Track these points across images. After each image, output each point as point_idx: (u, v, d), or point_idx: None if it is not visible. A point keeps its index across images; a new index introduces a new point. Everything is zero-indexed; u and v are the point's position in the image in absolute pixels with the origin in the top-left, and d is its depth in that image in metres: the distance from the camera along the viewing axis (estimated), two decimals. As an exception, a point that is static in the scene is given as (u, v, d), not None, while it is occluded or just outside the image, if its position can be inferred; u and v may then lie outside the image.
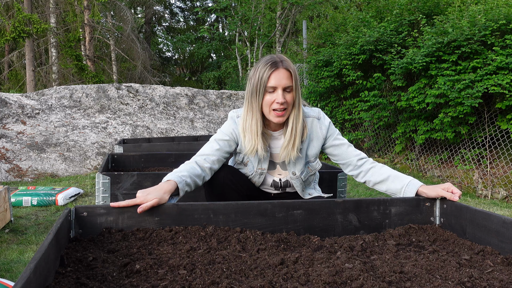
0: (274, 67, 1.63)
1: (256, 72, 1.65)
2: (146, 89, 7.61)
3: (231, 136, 1.77)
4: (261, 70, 1.64)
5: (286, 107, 1.65)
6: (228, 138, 1.77)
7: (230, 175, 1.75)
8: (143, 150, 3.81)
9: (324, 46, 7.53)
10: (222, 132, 1.79)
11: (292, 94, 1.66)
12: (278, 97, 1.62)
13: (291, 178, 1.85)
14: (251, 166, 1.83)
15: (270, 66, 1.63)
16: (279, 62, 1.64)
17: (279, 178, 1.87)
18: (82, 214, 1.32)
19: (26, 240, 2.55)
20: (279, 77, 1.63)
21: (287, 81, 1.64)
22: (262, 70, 1.64)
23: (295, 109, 1.69)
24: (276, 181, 1.87)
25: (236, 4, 13.23)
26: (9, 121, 5.99)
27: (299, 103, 1.70)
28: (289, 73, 1.65)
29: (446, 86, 4.73)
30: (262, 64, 1.66)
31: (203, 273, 1.04)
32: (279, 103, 1.63)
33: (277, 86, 1.63)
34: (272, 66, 1.63)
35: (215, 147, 1.74)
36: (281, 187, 1.89)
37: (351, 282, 0.98)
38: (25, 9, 11.55)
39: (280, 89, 1.64)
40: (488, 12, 5.00)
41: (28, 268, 0.81)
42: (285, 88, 1.65)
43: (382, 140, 6.61)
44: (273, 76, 1.62)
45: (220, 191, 1.74)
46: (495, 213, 1.28)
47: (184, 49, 22.53)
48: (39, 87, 13.37)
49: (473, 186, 4.72)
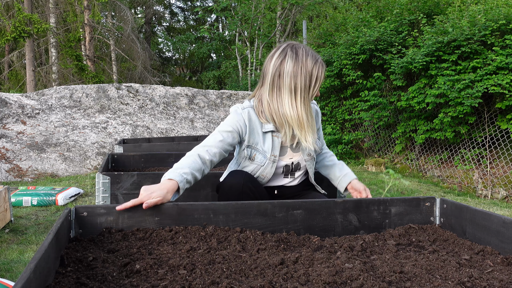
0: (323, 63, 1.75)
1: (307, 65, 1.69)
2: (146, 89, 7.61)
3: (235, 128, 1.77)
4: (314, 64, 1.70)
5: None
6: (232, 130, 1.76)
7: (250, 183, 1.72)
8: (143, 150, 3.81)
9: (324, 46, 7.53)
10: (226, 124, 1.78)
11: None
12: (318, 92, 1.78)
13: (306, 160, 1.89)
14: (261, 157, 1.81)
15: (322, 63, 1.73)
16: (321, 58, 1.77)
17: (291, 161, 1.88)
18: (82, 214, 1.33)
19: (26, 240, 2.55)
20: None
21: None
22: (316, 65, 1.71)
23: None
24: (288, 165, 1.89)
25: (236, 4, 13.23)
26: (9, 121, 5.99)
27: None
28: None
29: (446, 86, 4.73)
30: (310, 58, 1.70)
31: (203, 273, 1.04)
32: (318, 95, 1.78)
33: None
34: (322, 63, 1.74)
35: (218, 139, 1.74)
36: (291, 170, 1.90)
37: (351, 282, 0.98)
38: (25, 9, 11.55)
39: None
40: (488, 12, 5.00)
41: (28, 268, 0.81)
42: None
43: (382, 140, 6.61)
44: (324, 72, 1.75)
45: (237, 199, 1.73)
46: (495, 213, 1.29)
47: (184, 49, 22.53)
48: (39, 87, 13.37)
49: (473, 186, 4.71)
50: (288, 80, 1.69)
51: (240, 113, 1.78)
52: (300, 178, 1.95)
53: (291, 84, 1.69)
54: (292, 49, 1.71)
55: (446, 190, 4.70)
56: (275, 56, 1.72)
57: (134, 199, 1.37)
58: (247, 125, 1.78)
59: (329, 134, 6.61)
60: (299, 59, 1.69)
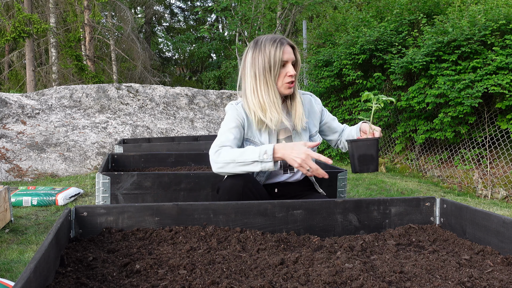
0: (284, 43, 1.77)
1: (265, 50, 1.75)
2: (146, 89, 7.61)
3: (238, 122, 1.80)
4: (271, 47, 1.75)
5: (294, 79, 1.80)
6: (236, 125, 1.80)
7: (250, 183, 1.71)
8: (143, 150, 3.81)
9: (324, 46, 7.53)
10: (229, 121, 1.80)
11: (297, 67, 1.83)
12: (291, 70, 1.77)
13: None
14: None
15: (280, 43, 1.76)
16: (283, 39, 1.79)
17: None
18: (82, 214, 1.33)
19: (26, 240, 2.55)
20: (289, 52, 1.78)
21: (293, 55, 1.79)
22: (273, 47, 1.75)
23: (296, 81, 1.85)
24: None
25: (236, 4, 13.23)
26: (9, 121, 5.99)
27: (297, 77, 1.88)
28: (292, 49, 1.80)
29: (446, 86, 4.73)
30: (268, 42, 1.77)
31: (203, 273, 1.04)
32: (292, 75, 1.77)
33: (288, 61, 1.77)
34: (282, 42, 1.77)
35: (231, 137, 1.76)
36: (289, 165, 1.89)
37: (351, 282, 0.98)
38: (25, 9, 11.55)
39: (289, 63, 1.78)
40: (488, 12, 5.00)
41: (28, 268, 0.81)
42: (293, 63, 1.80)
43: (382, 140, 6.61)
44: (285, 52, 1.76)
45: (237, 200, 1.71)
46: (495, 213, 1.28)
47: (184, 49, 22.52)
48: (39, 87, 13.37)
49: (473, 186, 4.72)
50: (249, 69, 1.79)
51: (236, 108, 1.83)
52: (299, 173, 1.94)
53: (251, 71, 1.78)
54: (254, 41, 1.82)
55: (446, 190, 4.70)
56: (244, 53, 1.84)
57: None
58: (245, 118, 1.82)
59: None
60: (258, 46, 1.79)
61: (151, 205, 1.38)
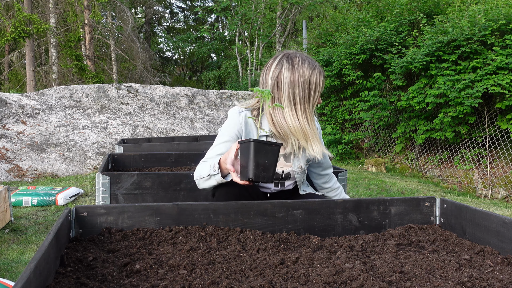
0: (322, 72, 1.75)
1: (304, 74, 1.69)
2: (146, 89, 7.61)
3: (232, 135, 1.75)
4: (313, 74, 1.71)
5: None
6: (228, 139, 1.75)
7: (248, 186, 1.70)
8: (143, 150, 3.81)
9: (324, 46, 7.53)
10: (224, 134, 1.77)
11: None
12: (320, 100, 1.78)
13: (296, 172, 1.86)
14: None
15: (321, 72, 1.74)
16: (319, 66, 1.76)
17: (282, 170, 1.87)
18: (82, 214, 1.33)
19: (26, 240, 2.55)
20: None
21: None
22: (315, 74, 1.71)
23: None
24: (278, 173, 1.87)
25: (236, 4, 13.23)
26: (9, 121, 5.99)
27: None
28: None
29: (446, 86, 4.73)
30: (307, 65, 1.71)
31: (203, 273, 1.04)
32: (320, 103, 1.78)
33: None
34: (320, 71, 1.74)
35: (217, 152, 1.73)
36: (281, 178, 1.89)
37: (351, 282, 0.98)
38: (25, 9, 11.55)
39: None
40: (488, 12, 5.00)
41: (28, 268, 0.81)
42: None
43: (382, 140, 6.61)
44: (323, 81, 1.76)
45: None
46: (495, 213, 1.29)
47: (184, 49, 22.53)
48: (39, 87, 13.37)
49: (473, 186, 4.71)
50: (286, 92, 1.69)
51: (236, 117, 1.77)
52: (289, 187, 1.93)
53: (290, 95, 1.69)
54: (288, 59, 1.71)
55: (446, 190, 4.70)
56: (272, 67, 1.72)
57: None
58: (243, 128, 1.76)
59: (329, 134, 6.61)
60: (295, 69, 1.69)
61: (151, 205, 1.38)
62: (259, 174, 1.39)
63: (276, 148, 1.42)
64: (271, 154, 1.41)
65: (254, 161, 1.38)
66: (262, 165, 1.40)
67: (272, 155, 1.41)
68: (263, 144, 1.40)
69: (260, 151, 1.39)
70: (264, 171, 1.40)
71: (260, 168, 1.40)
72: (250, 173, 1.39)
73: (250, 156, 1.38)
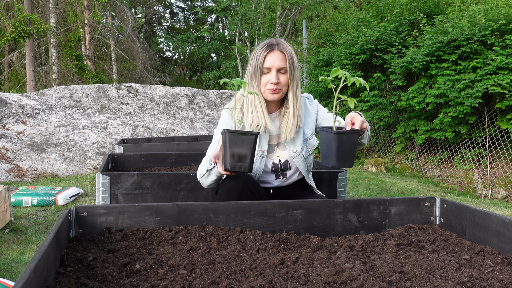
0: (269, 49, 1.74)
1: (254, 55, 1.77)
2: (146, 89, 7.61)
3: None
4: (258, 52, 1.76)
5: (280, 87, 1.75)
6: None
7: (249, 183, 1.70)
8: (143, 150, 3.81)
9: (324, 46, 7.52)
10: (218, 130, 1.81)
11: (287, 75, 1.76)
12: (272, 78, 1.73)
13: (293, 156, 1.87)
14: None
15: (266, 48, 1.75)
16: (274, 45, 1.75)
17: (279, 159, 1.87)
18: (82, 214, 1.33)
19: (26, 240, 2.55)
20: (273, 59, 1.73)
21: (281, 62, 1.74)
22: (259, 53, 1.75)
23: (292, 90, 1.78)
24: (276, 163, 1.87)
25: (236, 4, 13.23)
26: (9, 121, 5.99)
27: (297, 86, 1.80)
28: (283, 55, 1.74)
29: (446, 86, 4.73)
30: (259, 47, 1.78)
31: (203, 273, 1.04)
32: (273, 83, 1.73)
33: (271, 67, 1.74)
34: (267, 48, 1.75)
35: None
36: (281, 170, 1.88)
37: (351, 282, 0.98)
38: (25, 9, 11.56)
39: (274, 70, 1.74)
40: (488, 12, 5.00)
41: (28, 268, 0.81)
42: (279, 69, 1.75)
43: (382, 140, 6.61)
44: (268, 58, 1.74)
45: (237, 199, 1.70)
46: (495, 213, 1.28)
47: (184, 49, 22.52)
48: (39, 87, 13.37)
49: (473, 186, 4.71)
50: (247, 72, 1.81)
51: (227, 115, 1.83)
52: (292, 178, 1.92)
53: (247, 72, 1.80)
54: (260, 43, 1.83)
55: (446, 190, 4.70)
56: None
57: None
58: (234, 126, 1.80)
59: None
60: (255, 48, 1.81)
61: (151, 205, 1.38)
62: (234, 164, 1.44)
63: (251, 137, 1.44)
64: (247, 143, 1.44)
65: (229, 152, 1.43)
66: (238, 155, 1.44)
67: (248, 144, 1.44)
68: (237, 134, 1.43)
69: (235, 142, 1.43)
70: (239, 161, 1.44)
71: (236, 158, 1.44)
72: (226, 163, 1.45)
73: (225, 147, 1.44)
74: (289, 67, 1.75)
